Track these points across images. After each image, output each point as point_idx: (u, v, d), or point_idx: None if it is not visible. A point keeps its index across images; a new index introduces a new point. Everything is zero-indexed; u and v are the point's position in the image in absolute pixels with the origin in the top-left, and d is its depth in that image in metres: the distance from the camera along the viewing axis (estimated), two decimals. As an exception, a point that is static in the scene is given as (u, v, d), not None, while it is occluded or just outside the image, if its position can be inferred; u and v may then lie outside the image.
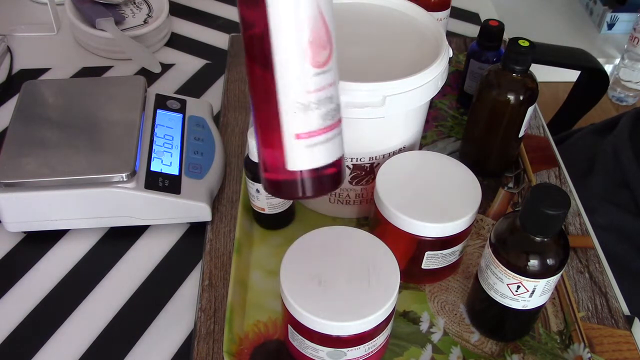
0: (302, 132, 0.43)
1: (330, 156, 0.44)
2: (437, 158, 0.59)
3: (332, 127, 0.43)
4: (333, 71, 0.43)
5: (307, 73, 0.42)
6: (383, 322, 0.47)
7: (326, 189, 0.45)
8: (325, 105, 0.43)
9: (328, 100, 0.43)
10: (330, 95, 0.43)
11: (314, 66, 0.41)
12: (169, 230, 0.64)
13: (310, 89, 0.42)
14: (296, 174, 0.44)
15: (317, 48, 0.41)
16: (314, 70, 0.41)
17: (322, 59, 0.41)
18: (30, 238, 0.62)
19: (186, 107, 0.70)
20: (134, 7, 0.89)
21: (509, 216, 0.50)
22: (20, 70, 0.83)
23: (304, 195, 0.44)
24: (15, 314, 0.56)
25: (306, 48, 0.41)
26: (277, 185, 0.45)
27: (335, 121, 0.44)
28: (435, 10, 0.72)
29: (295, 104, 0.42)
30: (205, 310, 0.56)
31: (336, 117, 0.44)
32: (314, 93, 0.42)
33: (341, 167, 0.45)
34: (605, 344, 0.55)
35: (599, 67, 1.05)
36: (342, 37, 0.60)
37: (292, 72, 0.42)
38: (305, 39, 0.40)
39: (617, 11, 1.79)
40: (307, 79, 0.42)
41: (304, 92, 0.42)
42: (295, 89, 0.42)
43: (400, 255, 0.52)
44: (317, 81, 0.42)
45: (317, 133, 0.43)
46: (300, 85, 0.42)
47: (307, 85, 0.42)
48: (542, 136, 0.76)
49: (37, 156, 0.59)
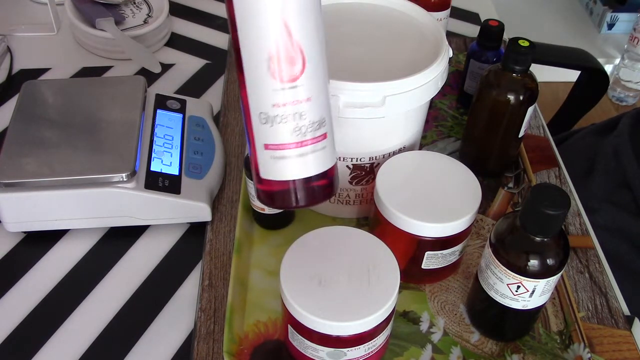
0: (269, 143, 0.42)
1: (305, 169, 0.43)
2: (437, 158, 0.59)
3: (304, 143, 0.42)
4: (308, 87, 0.41)
5: (270, 86, 0.41)
6: (383, 322, 0.47)
7: (309, 202, 0.44)
8: (295, 121, 0.42)
9: (297, 116, 0.41)
10: (301, 111, 0.41)
11: (278, 80, 0.40)
12: (169, 230, 0.64)
13: (274, 102, 0.41)
14: (271, 183, 0.44)
15: (282, 63, 0.40)
16: (279, 84, 0.41)
17: (289, 75, 0.40)
18: (30, 238, 0.62)
19: (186, 107, 0.70)
20: (134, 7, 0.89)
21: (509, 216, 0.50)
22: (20, 70, 0.83)
23: (282, 205, 0.44)
24: (15, 314, 0.56)
25: (269, 62, 0.40)
26: (258, 192, 0.46)
27: (310, 138, 0.42)
28: (435, 10, 0.72)
29: (260, 114, 0.42)
30: (205, 310, 0.56)
31: (311, 134, 0.42)
32: (280, 107, 0.41)
33: (327, 180, 0.44)
34: (605, 344, 0.55)
35: (599, 67, 1.05)
36: (342, 37, 0.60)
37: (255, 83, 0.41)
38: (266, 53, 0.40)
39: (617, 11, 1.79)
40: (271, 93, 0.41)
41: (269, 104, 0.41)
42: (259, 100, 0.42)
43: (400, 255, 0.52)
44: (283, 96, 0.41)
45: (284, 147, 0.42)
46: (265, 98, 0.41)
47: (271, 98, 0.41)
48: (542, 136, 0.76)
49: (37, 156, 0.59)
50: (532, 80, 0.63)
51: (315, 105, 0.42)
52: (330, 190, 0.45)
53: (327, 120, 0.43)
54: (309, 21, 0.40)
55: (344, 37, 0.60)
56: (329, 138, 0.43)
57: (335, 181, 0.45)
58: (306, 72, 0.41)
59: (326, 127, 0.43)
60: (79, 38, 0.86)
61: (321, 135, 0.43)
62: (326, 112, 0.43)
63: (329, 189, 0.45)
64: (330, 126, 0.44)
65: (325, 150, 0.43)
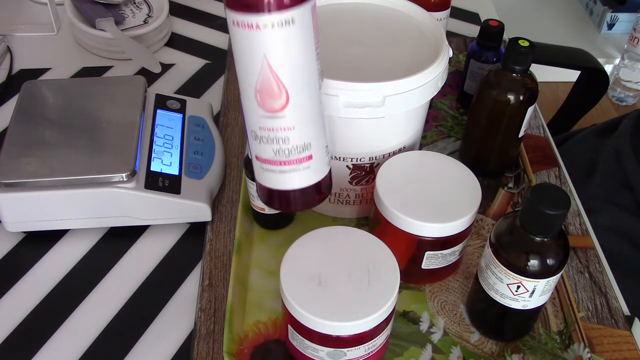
0: (258, 156, 0.47)
1: (286, 184, 0.47)
2: (437, 158, 0.59)
3: (287, 163, 0.46)
4: (292, 118, 0.44)
5: (257, 112, 0.44)
6: (383, 322, 0.47)
7: (296, 208, 0.49)
8: (278, 144, 0.45)
9: (281, 140, 0.45)
10: (284, 137, 0.45)
11: (263, 109, 0.44)
12: (169, 230, 0.64)
13: (260, 125, 0.45)
14: (263, 187, 0.48)
15: (265, 96, 0.43)
16: (264, 112, 0.44)
17: (272, 107, 0.44)
18: (30, 238, 0.62)
19: (186, 107, 0.70)
20: (134, 7, 0.89)
21: (509, 216, 0.50)
22: (20, 70, 0.83)
23: (273, 206, 0.49)
24: (15, 314, 0.56)
25: (255, 92, 0.43)
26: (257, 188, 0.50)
27: (293, 159, 0.46)
28: (435, 10, 0.72)
29: (252, 131, 0.46)
30: (205, 310, 0.56)
31: (295, 155, 0.46)
32: (265, 131, 0.45)
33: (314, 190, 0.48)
34: (605, 344, 0.55)
35: (599, 67, 1.05)
36: (342, 37, 0.60)
37: (247, 105, 0.45)
38: (253, 85, 0.43)
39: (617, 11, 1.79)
40: (257, 117, 0.45)
41: (257, 126, 0.45)
42: (250, 120, 0.46)
43: (400, 255, 0.52)
44: (267, 122, 0.45)
45: (269, 162, 0.46)
46: (253, 120, 0.45)
47: (258, 122, 0.45)
48: (542, 136, 0.76)
49: (37, 156, 0.59)
50: (532, 80, 0.63)
51: (299, 132, 0.45)
52: (319, 198, 0.49)
53: (315, 143, 0.47)
54: (293, 61, 0.42)
55: (344, 37, 0.60)
56: (315, 159, 0.47)
57: (326, 189, 0.49)
58: (290, 105, 0.44)
59: (312, 150, 0.46)
60: (79, 38, 0.86)
61: (305, 157, 0.46)
62: (314, 137, 0.46)
63: (317, 196, 0.48)
64: (320, 147, 0.47)
65: (309, 169, 0.47)
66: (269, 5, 0.39)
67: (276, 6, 0.39)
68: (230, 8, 0.41)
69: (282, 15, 0.40)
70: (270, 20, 0.40)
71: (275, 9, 0.39)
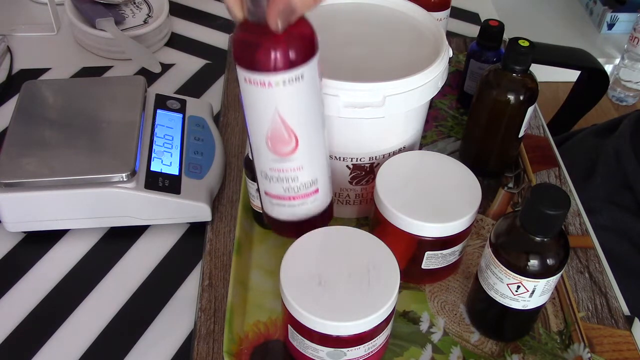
0: (268, 192, 0.50)
1: (296, 215, 0.49)
2: (437, 158, 0.59)
3: (295, 198, 0.49)
4: (301, 159, 0.47)
5: (268, 156, 0.47)
6: (383, 322, 0.47)
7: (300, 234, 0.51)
8: (287, 182, 0.48)
9: (291, 179, 0.48)
10: (294, 176, 0.47)
11: (274, 154, 0.46)
12: (169, 230, 0.64)
13: (271, 167, 0.47)
14: (272, 217, 0.51)
15: (276, 143, 0.46)
16: (275, 156, 0.46)
17: (282, 151, 0.46)
18: (30, 238, 0.62)
19: (186, 107, 0.70)
20: (134, 7, 0.89)
21: (509, 216, 0.50)
22: (20, 70, 0.83)
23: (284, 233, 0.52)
24: (15, 314, 0.56)
25: (266, 139, 0.46)
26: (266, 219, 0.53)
27: (301, 194, 0.49)
28: (435, 10, 0.72)
29: (262, 171, 0.49)
30: (205, 310, 0.56)
31: (303, 191, 0.48)
32: (275, 171, 0.47)
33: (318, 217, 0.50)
34: (605, 344, 0.55)
35: (599, 67, 1.05)
36: (342, 37, 0.60)
37: (258, 150, 0.47)
38: (264, 133, 0.45)
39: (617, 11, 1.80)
40: (268, 160, 0.47)
41: (267, 167, 0.48)
42: (260, 162, 0.48)
43: (400, 255, 0.52)
44: (277, 164, 0.47)
45: (279, 198, 0.49)
46: (264, 162, 0.48)
47: (269, 164, 0.47)
48: (542, 136, 0.76)
49: (37, 156, 0.59)
50: (532, 80, 0.63)
51: (307, 171, 0.48)
52: (323, 222, 0.51)
53: (321, 177, 0.49)
54: (303, 110, 0.45)
55: (344, 37, 0.60)
56: (321, 191, 0.49)
57: (329, 213, 0.52)
58: (299, 149, 0.46)
59: (318, 184, 0.49)
60: (79, 38, 0.86)
61: (313, 191, 0.49)
62: (320, 172, 0.49)
63: (322, 221, 0.51)
64: (325, 179, 0.50)
65: (315, 201, 0.49)
66: (280, 65, 0.41)
67: (287, 66, 0.41)
68: (242, 67, 0.42)
69: (293, 73, 0.42)
70: (282, 78, 0.42)
71: (286, 68, 0.41)
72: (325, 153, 0.49)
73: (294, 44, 0.41)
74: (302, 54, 0.42)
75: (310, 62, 0.43)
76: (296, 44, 0.41)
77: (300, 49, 0.42)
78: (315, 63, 0.44)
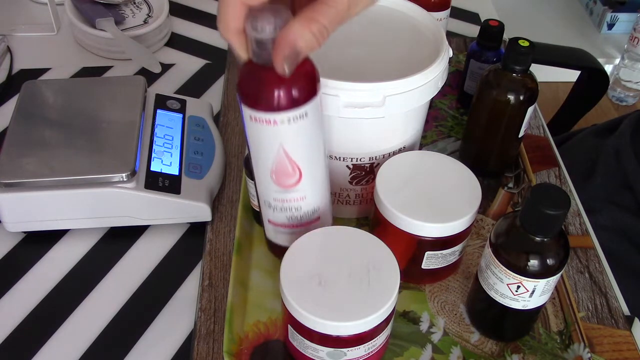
0: (272, 220, 0.52)
1: None
2: (437, 158, 0.59)
3: (298, 226, 0.51)
4: (304, 190, 0.49)
5: (272, 188, 0.49)
6: (383, 322, 0.47)
7: None
8: (291, 212, 0.50)
9: (294, 209, 0.50)
10: (297, 206, 0.50)
11: (278, 186, 0.48)
12: (169, 230, 0.64)
13: (275, 197, 0.49)
14: (276, 244, 0.54)
15: (281, 176, 0.48)
16: (279, 188, 0.48)
17: (286, 184, 0.48)
18: (30, 238, 0.62)
19: (186, 107, 0.70)
20: (134, 7, 0.89)
21: (509, 216, 0.50)
22: (20, 70, 0.83)
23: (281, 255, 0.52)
24: (15, 314, 0.56)
25: (271, 172, 0.47)
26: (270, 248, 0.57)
27: (304, 222, 0.51)
28: (435, 10, 0.72)
29: (265, 201, 0.50)
30: (205, 310, 0.56)
31: (306, 219, 0.51)
32: (279, 202, 0.49)
33: None
34: (605, 344, 0.55)
35: (599, 67, 1.05)
36: (342, 37, 0.60)
37: (262, 182, 0.49)
38: (269, 167, 0.47)
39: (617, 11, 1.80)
40: (272, 192, 0.49)
41: (271, 198, 0.50)
42: (264, 192, 0.50)
43: (400, 255, 0.52)
44: (281, 195, 0.49)
45: (282, 226, 0.51)
46: (268, 193, 0.49)
47: (272, 195, 0.49)
48: (542, 136, 0.76)
49: (37, 156, 0.59)
50: (532, 81, 0.63)
51: (310, 200, 0.50)
52: None
53: (323, 206, 0.51)
54: (306, 144, 0.46)
55: (344, 37, 0.60)
56: (322, 218, 0.52)
57: None
58: (302, 181, 0.48)
59: (320, 212, 0.51)
60: (79, 38, 0.86)
61: (315, 218, 0.51)
62: (321, 200, 0.51)
63: None
64: (327, 206, 0.52)
65: (318, 227, 0.51)
66: (285, 105, 0.43)
67: (292, 105, 0.43)
68: (247, 106, 0.43)
69: (297, 111, 0.44)
70: (287, 117, 0.43)
71: (290, 107, 0.43)
72: (326, 182, 0.51)
73: (299, 84, 0.43)
74: (306, 93, 0.43)
75: (313, 100, 0.44)
76: (300, 84, 0.43)
77: (304, 89, 0.43)
78: (318, 100, 0.45)
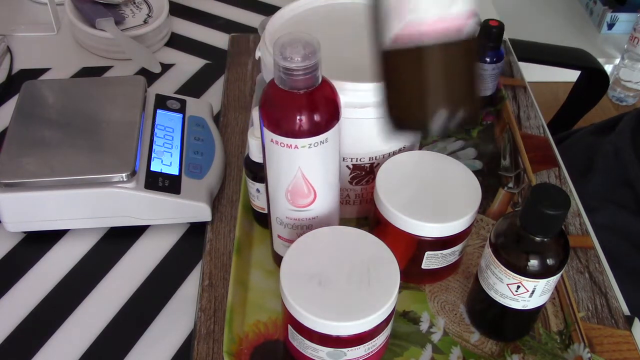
0: (281, 236, 0.53)
1: None
2: (437, 158, 0.59)
3: None
4: (317, 210, 0.50)
5: (286, 206, 0.50)
6: (383, 322, 0.47)
7: None
8: (301, 229, 0.51)
9: (305, 227, 0.51)
10: (308, 225, 0.51)
11: (292, 205, 0.49)
12: (169, 230, 0.64)
13: (287, 215, 0.51)
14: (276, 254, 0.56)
15: (296, 197, 0.49)
16: (293, 207, 0.50)
17: (301, 204, 0.49)
18: (30, 238, 0.62)
19: (186, 107, 0.70)
20: (134, 7, 0.89)
21: (509, 216, 0.50)
22: (20, 70, 0.83)
23: None
24: (15, 314, 0.56)
25: (286, 192, 0.49)
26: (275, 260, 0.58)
27: None
28: (435, 10, 0.72)
29: (277, 217, 0.52)
30: (205, 310, 0.56)
31: None
32: (291, 220, 0.51)
33: None
34: (605, 344, 0.55)
35: (599, 67, 1.05)
36: (342, 38, 0.60)
37: (276, 200, 0.50)
38: (285, 187, 0.48)
39: (617, 11, 1.80)
40: (285, 210, 0.50)
41: (284, 216, 0.51)
42: (277, 210, 0.51)
43: (400, 255, 0.52)
44: (294, 214, 0.50)
45: (292, 242, 0.50)
46: (281, 211, 0.51)
47: (286, 213, 0.50)
48: (542, 136, 0.76)
49: (37, 156, 0.59)
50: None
51: (321, 220, 0.51)
52: None
53: (332, 223, 0.52)
54: (323, 168, 0.48)
55: (344, 37, 0.60)
56: None
57: None
58: (316, 201, 0.49)
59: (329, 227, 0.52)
60: (79, 38, 0.86)
61: None
62: (332, 219, 0.52)
63: None
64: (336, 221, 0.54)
65: None
66: (307, 132, 0.44)
67: (314, 132, 0.44)
68: (270, 130, 0.44)
69: (319, 138, 0.45)
70: (308, 142, 0.44)
71: (313, 134, 0.44)
72: (337, 199, 0.52)
73: (322, 112, 0.44)
74: (327, 121, 0.44)
75: (334, 127, 0.45)
76: (323, 111, 0.44)
77: (327, 116, 0.44)
78: (339, 126, 0.46)
